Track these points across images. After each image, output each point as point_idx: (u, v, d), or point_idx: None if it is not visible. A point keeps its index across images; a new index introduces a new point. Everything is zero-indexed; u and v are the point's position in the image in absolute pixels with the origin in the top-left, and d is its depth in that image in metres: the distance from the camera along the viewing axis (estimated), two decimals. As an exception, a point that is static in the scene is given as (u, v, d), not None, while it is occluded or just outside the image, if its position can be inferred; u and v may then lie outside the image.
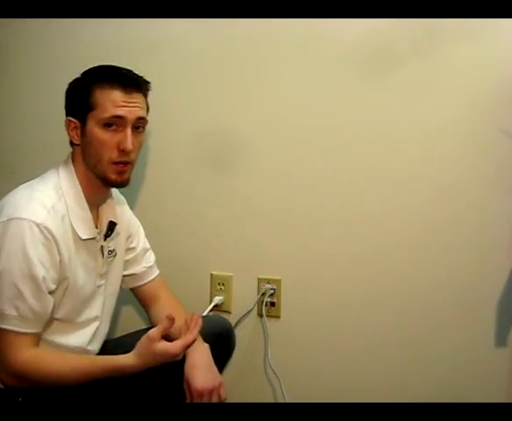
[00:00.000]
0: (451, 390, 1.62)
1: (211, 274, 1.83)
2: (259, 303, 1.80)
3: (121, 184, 1.34)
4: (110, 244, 1.41)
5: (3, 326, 1.21)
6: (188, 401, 1.34)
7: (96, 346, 1.42)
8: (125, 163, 1.31)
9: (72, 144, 1.36)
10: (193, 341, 1.31)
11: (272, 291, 1.78)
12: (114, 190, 1.45)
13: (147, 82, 1.36)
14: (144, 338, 1.27)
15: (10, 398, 1.24)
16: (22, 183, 1.34)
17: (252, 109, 1.77)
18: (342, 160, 1.70)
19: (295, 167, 1.74)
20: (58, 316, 1.30)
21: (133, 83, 1.32)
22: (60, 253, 1.25)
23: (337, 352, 1.74)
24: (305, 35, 1.70)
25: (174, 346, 1.27)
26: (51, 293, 1.25)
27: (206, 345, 1.40)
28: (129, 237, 1.49)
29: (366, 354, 1.72)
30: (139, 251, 1.51)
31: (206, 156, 1.81)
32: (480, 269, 1.62)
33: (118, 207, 1.46)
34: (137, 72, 1.37)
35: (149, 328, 1.50)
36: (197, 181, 1.83)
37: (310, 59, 1.71)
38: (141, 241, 1.53)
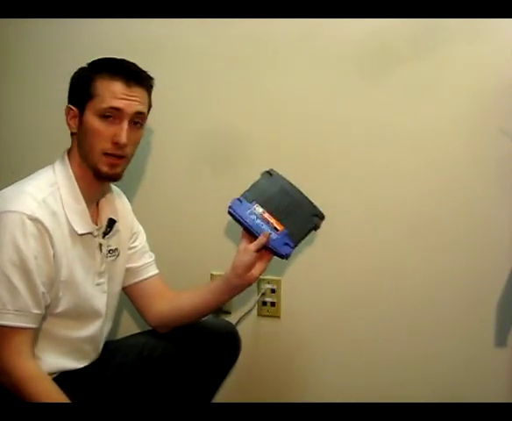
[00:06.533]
0: (451, 390, 1.63)
1: (211, 275, 1.83)
2: (259, 303, 1.80)
3: (112, 177, 1.31)
4: (112, 242, 1.39)
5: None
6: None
7: (100, 346, 1.41)
8: (119, 157, 1.28)
9: (71, 134, 1.34)
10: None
11: (272, 291, 1.79)
12: (114, 187, 1.43)
13: (150, 78, 1.34)
14: None
15: None
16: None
17: (252, 108, 1.77)
18: (342, 159, 1.71)
19: (294, 167, 1.73)
20: (58, 310, 1.28)
21: (135, 77, 1.29)
22: (53, 246, 1.23)
23: (336, 351, 1.75)
24: (305, 35, 1.70)
25: None
26: (46, 287, 1.22)
27: None
28: (132, 236, 1.48)
29: (365, 354, 1.72)
30: (140, 248, 1.49)
31: (206, 155, 1.81)
32: (480, 269, 1.62)
33: (119, 203, 1.44)
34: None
35: (149, 331, 1.50)
36: (197, 180, 1.83)
37: (311, 58, 1.71)
38: (142, 242, 1.51)
